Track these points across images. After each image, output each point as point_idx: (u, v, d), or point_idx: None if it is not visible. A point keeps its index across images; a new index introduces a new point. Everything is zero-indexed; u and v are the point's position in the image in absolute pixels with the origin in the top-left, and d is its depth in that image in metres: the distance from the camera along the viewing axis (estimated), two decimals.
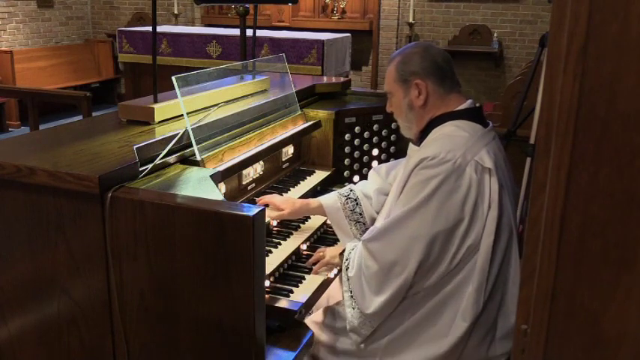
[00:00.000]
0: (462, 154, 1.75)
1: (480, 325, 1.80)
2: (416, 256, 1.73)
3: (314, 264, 2.06)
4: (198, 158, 1.90)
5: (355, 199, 2.19)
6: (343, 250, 2.00)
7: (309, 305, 1.89)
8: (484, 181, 1.76)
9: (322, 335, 1.97)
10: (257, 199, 2.24)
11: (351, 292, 1.85)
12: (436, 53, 1.91)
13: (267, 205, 2.16)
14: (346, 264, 1.90)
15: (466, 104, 1.91)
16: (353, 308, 1.84)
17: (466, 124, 1.85)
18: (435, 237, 1.73)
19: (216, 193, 1.65)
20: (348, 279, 1.87)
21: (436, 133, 1.87)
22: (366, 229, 2.14)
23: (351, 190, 2.22)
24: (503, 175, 1.83)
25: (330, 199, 2.21)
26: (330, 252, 2.06)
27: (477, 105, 1.94)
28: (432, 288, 1.79)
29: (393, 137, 2.86)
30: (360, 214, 2.17)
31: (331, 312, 2.01)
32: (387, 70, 1.96)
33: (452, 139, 1.81)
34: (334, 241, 2.24)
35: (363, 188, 2.24)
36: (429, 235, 1.72)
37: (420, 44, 1.98)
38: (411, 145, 2.03)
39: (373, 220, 2.15)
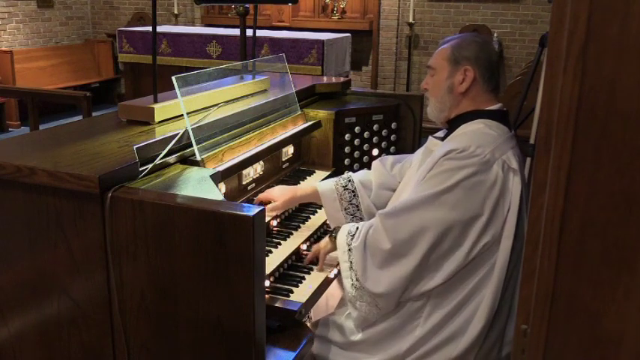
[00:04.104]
0: (491, 151, 1.77)
1: (493, 329, 1.81)
2: (427, 240, 1.73)
3: (312, 262, 2.06)
4: (198, 158, 1.90)
5: (353, 191, 2.18)
6: (331, 233, 2.00)
7: (309, 305, 1.89)
8: (508, 180, 1.77)
9: (317, 349, 1.95)
10: (255, 198, 2.23)
11: (350, 262, 1.85)
12: (492, 50, 1.94)
13: (267, 203, 2.17)
14: (354, 232, 1.88)
15: (496, 106, 1.92)
16: (352, 279, 1.84)
17: (495, 125, 1.87)
18: (449, 227, 1.73)
19: (216, 193, 1.65)
20: (350, 249, 1.85)
21: (465, 128, 1.88)
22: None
23: (349, 181, 2.21)
24: (524, 181, 1.83)
25: (327, 187, 2.21)
26: (322, 244, 2.04)
27: (505, 109, 1.95)
28: (449, 287, 1.78)
29: (393, 137, 2.86)
30: (357, 205, 2.17)
31: (324, 323, 1.99)
32: (440, 49, 1.96)
33: (481, 135, 1.82)
34: None
35: (362, 178, 2.23)
36: (443, 223, 1.73)
37: (480, 36, 2.00)
38: (431, 139, 2.02)
39: (370, 213, 2.14)
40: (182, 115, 2.02)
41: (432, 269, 1.77)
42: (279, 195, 2.19)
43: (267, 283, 1.85)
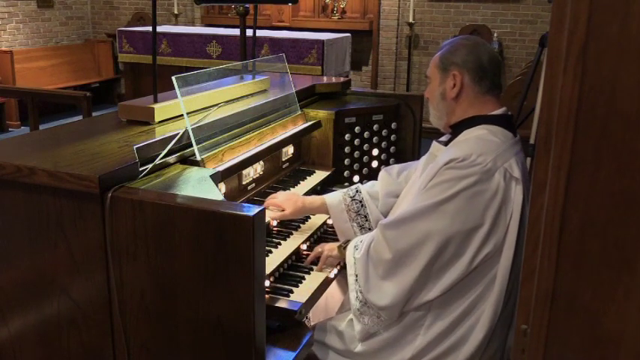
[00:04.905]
0: (493, 160, 1.74)
1: (495, 336, 1.80)
2: (428, 251, 1.72)
3: (313, 263, 2.06)
4: (198, 158, 1.90)
5: (360, 201, 2.17)
6: (341, 244, 2.00)
7: (309, 305, 1.89)
8: (510, 189, 1.74)
9: (316, 353, 1.95)
10: (265, 200, 2.22)
11: (356, 275, 1.85)
12: (484, 51, 1.88)
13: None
14: (359, 245, 1.88)
15: (500, 111, 1.89)
16: (356, 292, 1.84)
17: (498, 130, 1.83)
18: (450, 237, 1.71)
19: (216, 193, 1.65)
20: (355, 262, 1.85)
21: (467, 134, 1.85)
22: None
23: (357, 191, 2.19)
24: (527, 189, 1.80)
25: (335, 198, 2.20)
26: (328, 246, 2.05)
27: (509, 113, 1.93)
28: (450, 297, 1.77)
29: (393, 137, 2.86)
30: (365, 216, 2.15)
31: (324, 328, 1.99)
32: (433, 57, 1.97)
33: (484, 142, 1.79)
34: (334, 241, 2.24)
35: (370, 189, 2.21)
36: (444, 233, 1.71)
37: (472, 38, 1.96)
38: (435, 144, 2.01)
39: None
40: (182, 115, 2.01)
41: (433, 279, 1.75)
42: (288, 204, 2.16)
43: (267, 283, 1.85)
